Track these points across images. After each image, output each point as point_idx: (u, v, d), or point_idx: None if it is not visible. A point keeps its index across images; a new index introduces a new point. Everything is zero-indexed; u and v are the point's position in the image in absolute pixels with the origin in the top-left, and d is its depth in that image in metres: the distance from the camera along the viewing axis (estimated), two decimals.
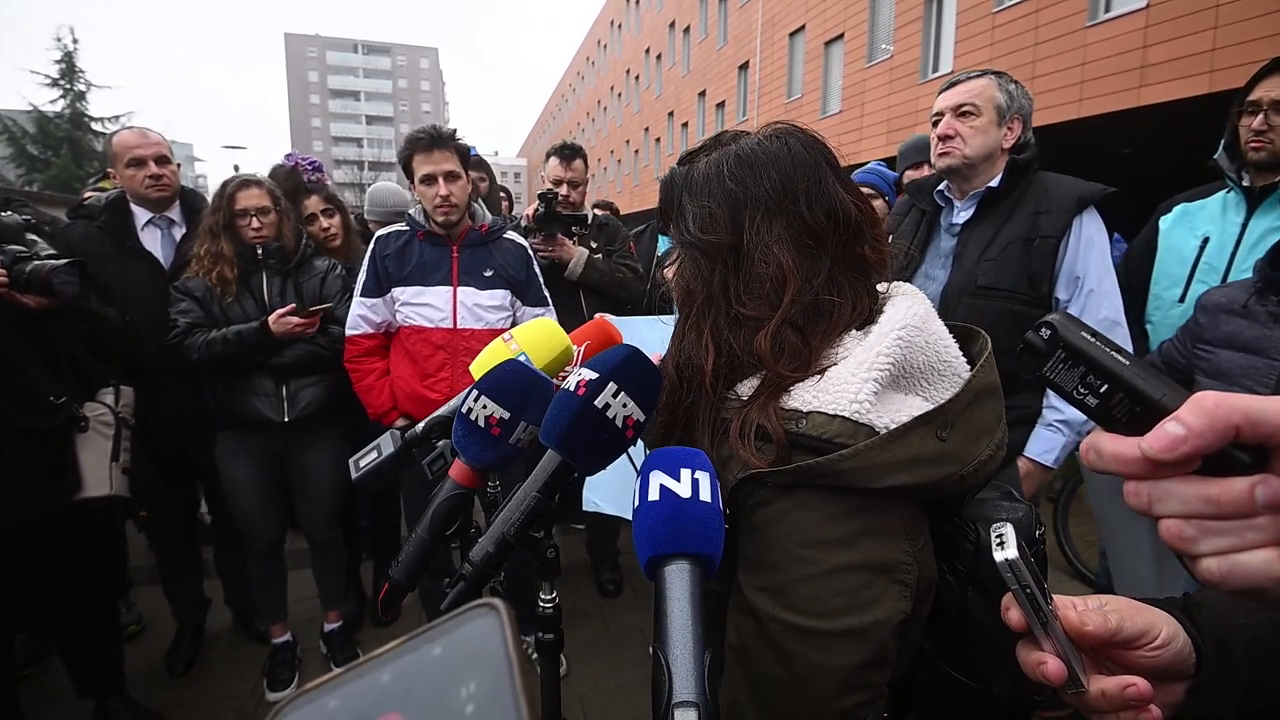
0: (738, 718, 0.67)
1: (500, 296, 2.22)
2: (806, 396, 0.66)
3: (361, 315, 2.18)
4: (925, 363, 0.69)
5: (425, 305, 2.15)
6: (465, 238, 2.20)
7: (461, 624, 0.27)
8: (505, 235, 2.31)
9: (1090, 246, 1.69)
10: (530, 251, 2.36)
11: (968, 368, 0.72)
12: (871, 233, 0.75)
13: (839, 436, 0.62)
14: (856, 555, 0.62)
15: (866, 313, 0.73)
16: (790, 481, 0.63)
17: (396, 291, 2.16)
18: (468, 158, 2.17)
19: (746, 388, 0.71)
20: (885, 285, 0.78)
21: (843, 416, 0.63)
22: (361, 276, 2.19)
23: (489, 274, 2.20)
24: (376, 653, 0.27)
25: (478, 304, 2.17)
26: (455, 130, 2.13)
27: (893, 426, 0.62)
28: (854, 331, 0.71)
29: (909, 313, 0.70)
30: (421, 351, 2.15)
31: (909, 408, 0.65)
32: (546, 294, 2.37)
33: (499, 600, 0.27)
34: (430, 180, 2.07)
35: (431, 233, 2.18)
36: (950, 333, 0.75)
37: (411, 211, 2.25)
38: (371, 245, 2.20)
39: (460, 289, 2.17)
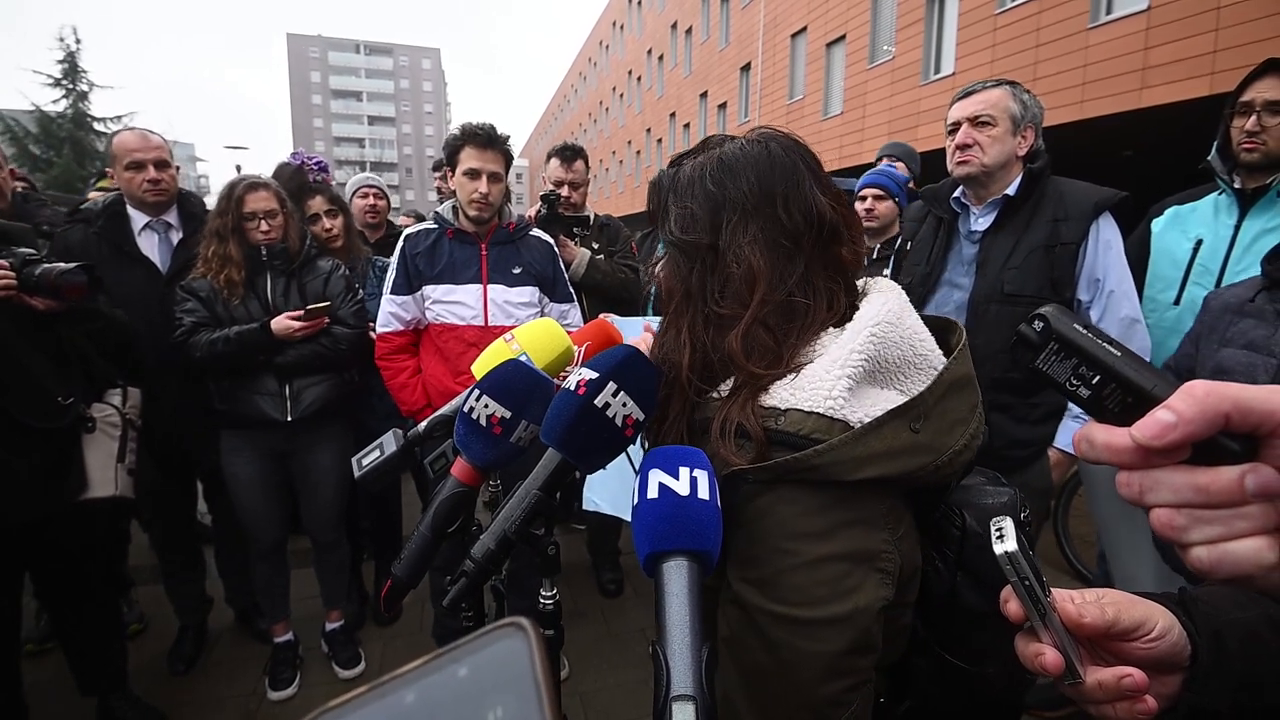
0: (729, 707, 0.69)
1: (529, 293, 2.24)
2: (784, 394, 0.67)
3: (392, 313, 2.20)
4: (900, 357, 0.71)
5: (457, 303, 2.17)
6: (493, 235, 2.21)
7: (488, 643, 0.26)
8: (531, 233, 2.33)
9: (1108, 249, 1.74)
10: (556, 248, 2.38)
11: (944, 360, 0.72)
12: (849, 234, 0.77)
13: (814, 432, 0.64)
14: (836, 546, 0.64)
15: (843, 310, 0.75)
16: (770, 477, 0.65)
17: (427, 289, 2.17)
18: (511, 163, 2.21)
19: (726, 386, 0.73)
20: (862, 281, 0.79)
21: (818, 413, 0.65)
22: (391, 274, 2.20)
23: (517, 271, 2.22)
24: (400, 671, 0.26)
25: (508, 301, 2.19)
26: (509, 136, 2.16)
27: (867, 421, 0.64)
28: (831, 329, 0.73)
29: (883, 309, 0.71)
30: (454, 349, 2.17)
31: (884, 401, 0.67)
32: (572, 290, 2.40)
33: (526, 620, 0.27)
34: (475, 175, 2.10)
35: (460, 230, 2.19)
36: (929, 326, 0.76)
37: (440, 210, 2.27)
38: (400, 243, 2.22)
39: (490, 286, 2.19)
